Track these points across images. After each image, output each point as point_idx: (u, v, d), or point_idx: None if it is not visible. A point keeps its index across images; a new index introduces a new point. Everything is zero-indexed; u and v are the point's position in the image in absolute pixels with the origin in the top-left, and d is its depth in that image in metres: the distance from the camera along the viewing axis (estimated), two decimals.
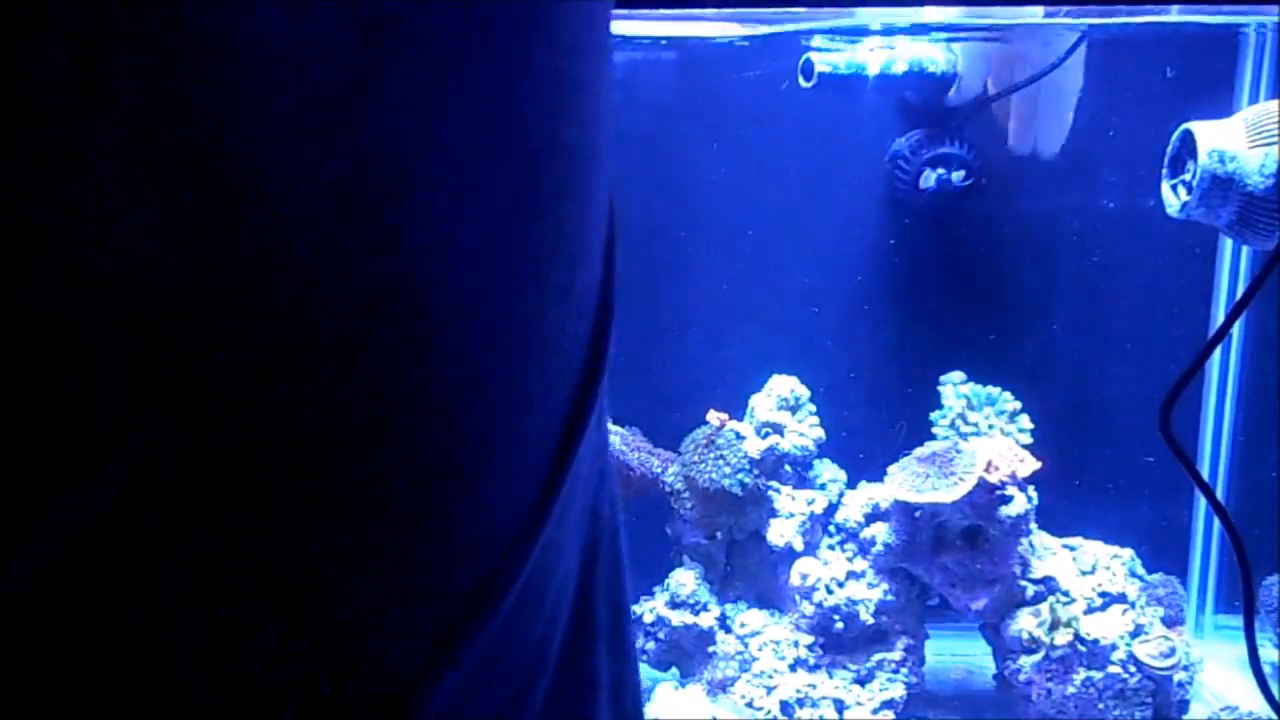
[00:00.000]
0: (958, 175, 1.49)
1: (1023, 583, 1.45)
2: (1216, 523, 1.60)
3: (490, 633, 0.30)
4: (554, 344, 0.30)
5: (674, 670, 1.54)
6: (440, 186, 0.26)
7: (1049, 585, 1.45)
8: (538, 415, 0.30)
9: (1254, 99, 1.51)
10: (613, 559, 0.37)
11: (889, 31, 1.45)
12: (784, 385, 1.56)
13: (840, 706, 1.44)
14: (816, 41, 1.46)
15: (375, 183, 0.25)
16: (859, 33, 1.44)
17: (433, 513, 0.28)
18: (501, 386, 0.28)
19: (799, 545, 1.49)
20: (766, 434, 1.53)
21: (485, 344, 0.28)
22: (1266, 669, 1.47)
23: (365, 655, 0.28)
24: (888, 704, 1.45)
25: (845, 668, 1.49)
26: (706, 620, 1.50)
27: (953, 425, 1.54)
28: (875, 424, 1.64)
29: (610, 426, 0.47)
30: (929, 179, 1.50)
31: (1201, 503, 1.64)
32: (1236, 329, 1.63)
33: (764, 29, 1.45)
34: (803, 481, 1.56)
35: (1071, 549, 1.51)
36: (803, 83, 1.45)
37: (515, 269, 0.28)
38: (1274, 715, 0.67)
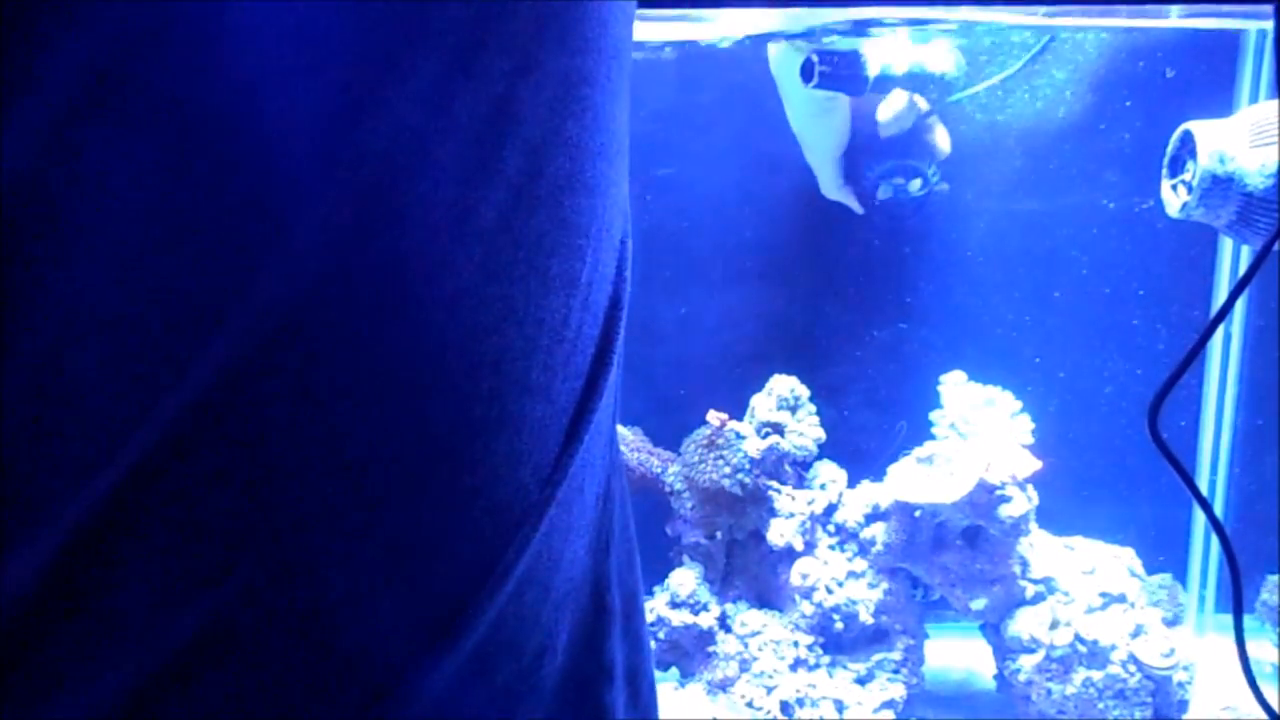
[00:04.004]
0: (915, 185, 1.46)
1: (1023, 583, 1.45)
2: None
3: (497, 607, 0.30)
4: (559, 333, 0.30)
5: (674, 670, 1.54)
6: (444, 176, 0.27)
7: (1049, 585, 1.45)
8: (544, 402, 0.30)
9: (1254, 100, 1.51)
10: (625, 549, 0.38)
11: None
12: (784, 385, 1.56)
13: (840, 706, 1.44)
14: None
15: (382, 172, 0.26)
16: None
17: (437, 492, 0.28)
18: (507, 370, 0.29)
19: (799, 545, 1.49)
20: (766, 434, 1.53)
21: (488, 328, 0.28)
22: (1268, 669, 1.47)
23: (372, 629, 0.28)
24: (888, 704, 1.45)
25: (845, 668, 1.49)
26: (706, 620, 1.50)
27: (953, 425, 1.55)
28: (876, 424, 1.64)
29: None
30: (885, 191, 1.47)
31: None
32: (1237, 329, 1.62)
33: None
34: (802, 481, 1.56)
35: (1071, 549, 1.51)
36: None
37: (517, 257, 0.28)
38: (1265, 715, 0.67)
